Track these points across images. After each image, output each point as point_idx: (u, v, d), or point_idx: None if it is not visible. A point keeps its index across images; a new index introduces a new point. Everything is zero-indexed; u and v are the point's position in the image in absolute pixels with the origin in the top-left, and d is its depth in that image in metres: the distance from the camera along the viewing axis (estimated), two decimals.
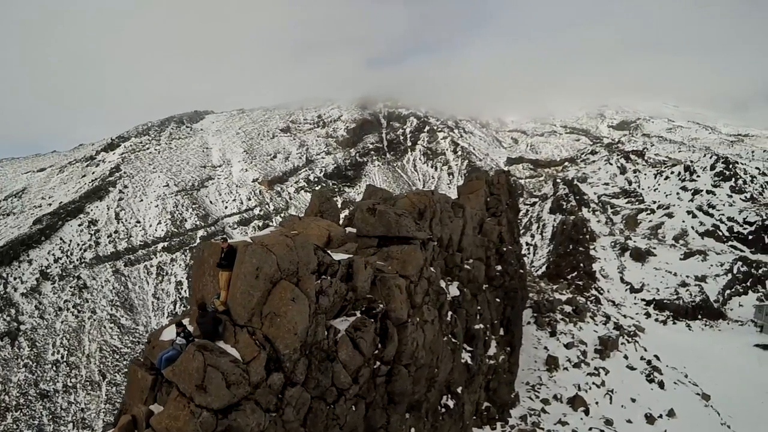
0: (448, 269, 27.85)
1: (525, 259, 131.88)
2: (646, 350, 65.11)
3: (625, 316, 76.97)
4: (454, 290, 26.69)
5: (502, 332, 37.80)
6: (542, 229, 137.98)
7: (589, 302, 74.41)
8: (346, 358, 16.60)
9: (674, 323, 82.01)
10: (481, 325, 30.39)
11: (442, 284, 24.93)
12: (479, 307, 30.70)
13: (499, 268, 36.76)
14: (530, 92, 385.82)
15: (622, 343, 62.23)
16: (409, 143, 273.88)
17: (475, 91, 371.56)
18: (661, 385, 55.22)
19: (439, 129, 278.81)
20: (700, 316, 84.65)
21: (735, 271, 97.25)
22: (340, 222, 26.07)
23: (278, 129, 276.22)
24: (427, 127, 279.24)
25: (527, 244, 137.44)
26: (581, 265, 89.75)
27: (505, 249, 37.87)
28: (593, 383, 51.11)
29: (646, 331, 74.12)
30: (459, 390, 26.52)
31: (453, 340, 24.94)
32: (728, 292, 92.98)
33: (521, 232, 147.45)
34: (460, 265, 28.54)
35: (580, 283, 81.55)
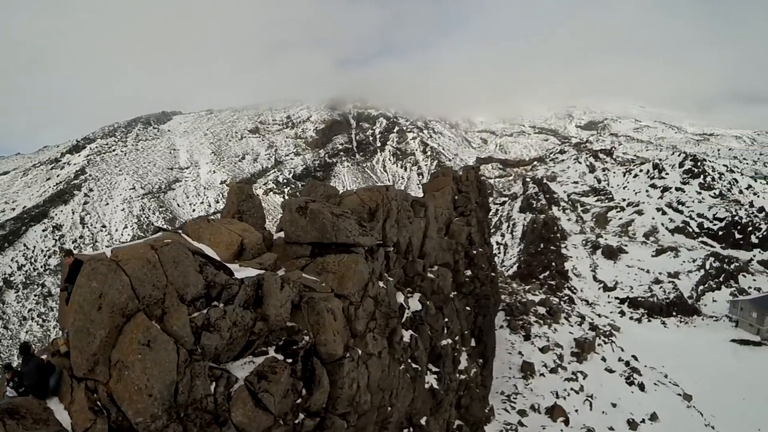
0: (408, 279, 22.88)
1: (495, 258, 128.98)
2: (623, 350, 61.48)
3: (599, 316, 73.43)
4: (415, 304, 21.73)
5: (473, 343, 33.12)
6: (512, 228, 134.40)
7: (562, 302, 70.57)
8: (244, 419, 11.11)
9: (649, 321, 78.77)
10: (449, 340, 25.65)
11: (400, 299, 20.06)
12: (446, 320, 25.93)
13: (468, 273, 32.17)
14: (499, 93, 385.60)
15: (598, 344, 58.38)
16: (379, 144, 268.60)
17: (444, 92, 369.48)
18: (642, 387, 51.56)
19: (409, 129, 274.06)
20: (674, 313, 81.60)
21: (707, 267, 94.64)
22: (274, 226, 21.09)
23: (247, 130, 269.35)
24: (396, 128, 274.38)
25: (497, 243, 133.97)
26: (553, 264, 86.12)
27: (475, 252, 33.27)
28: (572, 389, 46.97)
29: (622, 330, 70.66)
30: (423, 421, 21.75)
31: (414, 365, 20.06)
32: (701, 288, 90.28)
33: (491, 231, 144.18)
34: (422, 274, 23.64)
35: (553, 282, 77.77)
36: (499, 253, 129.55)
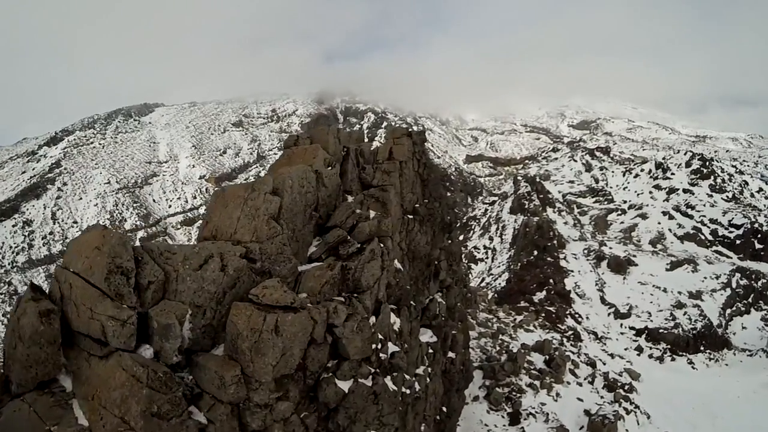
0: None
1: (482, 264, 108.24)
2: (650, 419, 40.97)
3: (612, 356, 52.43)
4: None
5: None
6: (502, 231, 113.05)
7: (565, 340, 49.63)
8: None
9: (673, 359, 57.82)
10: None
11: None
12: None
13: None
14: (490, 91, 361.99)
15: (619, 417, 37.71)
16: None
17: (435, 88, 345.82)
18: None
19: (398, 125, 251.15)
20: (702, 347, 60.83)
21: (734, 284, 73.91)
22: None
23: (230, 123, 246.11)
24: (385, 123, 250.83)
25: (485, 247, 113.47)
26: (551, 281, 65.23)
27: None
28: None
29: (642, 378, 49.86)
30: None
31: None
32: (729, 311, 69.57)
33: (480, 233, 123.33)
34: None
35: (552, 309, 56.62)
36: (487, 258, 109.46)
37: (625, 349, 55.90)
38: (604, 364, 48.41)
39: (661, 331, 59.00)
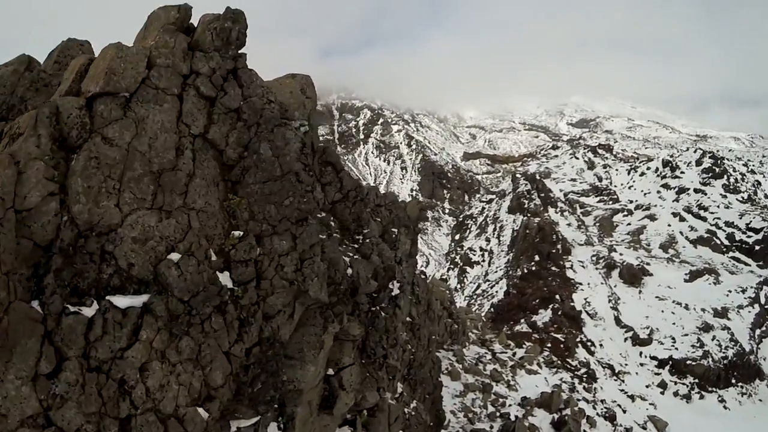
0: None
1: (479, 268, 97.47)
2: None
3: (633, 399, 41.11)
4: None
5: None
6: (499, 231, 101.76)
7: (577, 381, 38.27)
8: None
9: (701, 397, 46.47)
10: None
11: None
12: None
13: None
14: (489, 88, 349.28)
15: None
16: (362, 136, 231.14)
17: (433, 85, 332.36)
18: None
19: (394, 122, 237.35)
20: (733, 380, 49.51)
21: (762, 299, 62.50)
22: None
23: None
24: (381, 120, 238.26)
25: (481, 249, 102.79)
26: (557, 296, 53.85)
27: None
28: None
29: (669, 429, 38.77)
30: None
31: None
32: (759, 331, 58.20)
33: (476, 233, 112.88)
34: None
35: (560, 336, 45.14)
36: (483, 262, 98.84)
37: (647, 386, 44.60)
38: (624, 411, 37.26)
39: (688, 362, 47.57)
